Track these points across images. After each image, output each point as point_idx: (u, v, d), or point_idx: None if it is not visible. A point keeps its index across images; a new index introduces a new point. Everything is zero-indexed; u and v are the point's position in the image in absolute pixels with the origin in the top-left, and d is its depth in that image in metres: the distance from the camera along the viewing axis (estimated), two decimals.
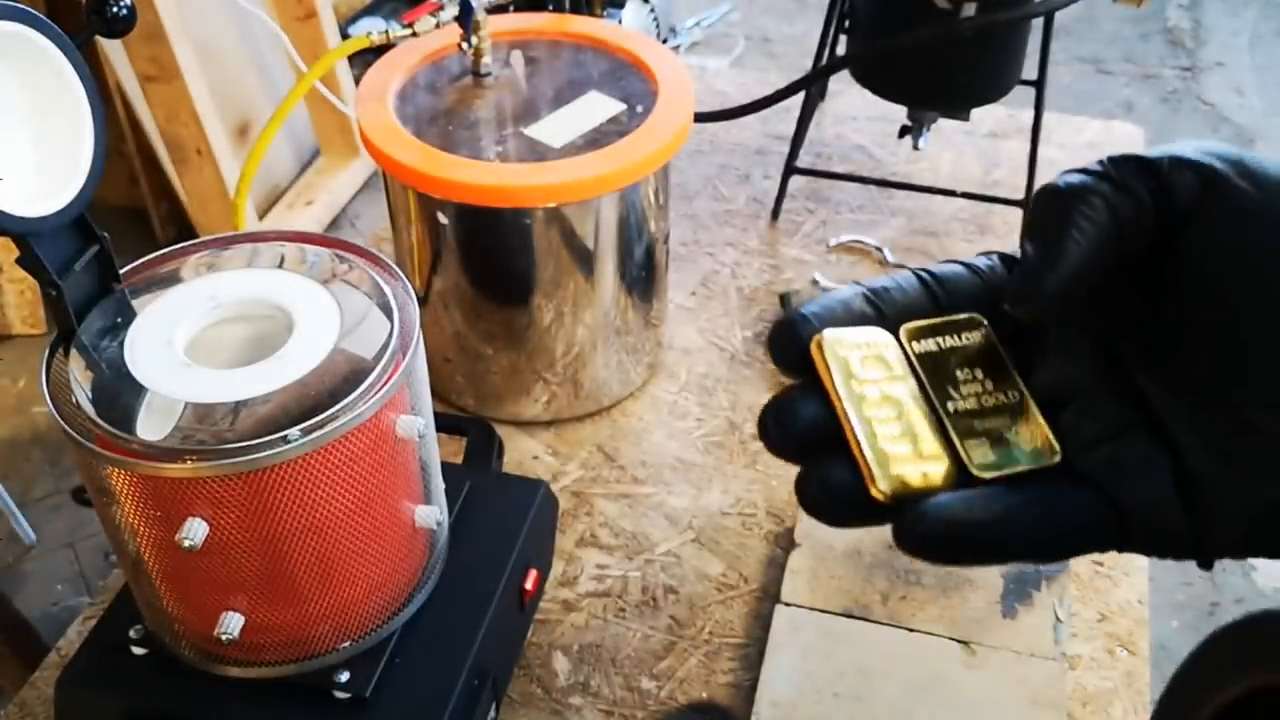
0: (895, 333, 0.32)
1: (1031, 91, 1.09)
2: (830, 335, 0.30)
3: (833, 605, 0.74)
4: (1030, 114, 1.11)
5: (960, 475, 0.29)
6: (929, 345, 0.31)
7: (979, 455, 0.30)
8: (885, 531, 0.84)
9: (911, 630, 0.73)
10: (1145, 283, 0.30)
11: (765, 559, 0.81)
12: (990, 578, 0.76)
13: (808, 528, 0.79)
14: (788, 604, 0.74)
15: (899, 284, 0.32)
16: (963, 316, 0.32)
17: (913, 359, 0.31)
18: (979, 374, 0.31)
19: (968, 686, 0.70)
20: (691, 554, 0.81)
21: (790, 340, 0.31)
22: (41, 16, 0.53)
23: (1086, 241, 0.29)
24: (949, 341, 0.31)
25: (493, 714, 0.67)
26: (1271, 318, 0.27)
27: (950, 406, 0.30)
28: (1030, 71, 1.06)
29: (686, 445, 0.90)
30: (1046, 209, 0.30)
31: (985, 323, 0.32)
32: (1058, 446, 0.30)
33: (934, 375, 0.31)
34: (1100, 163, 0.30)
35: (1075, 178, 0.30)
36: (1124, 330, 0.31)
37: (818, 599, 0.75)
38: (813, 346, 0.30)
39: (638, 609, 0.78)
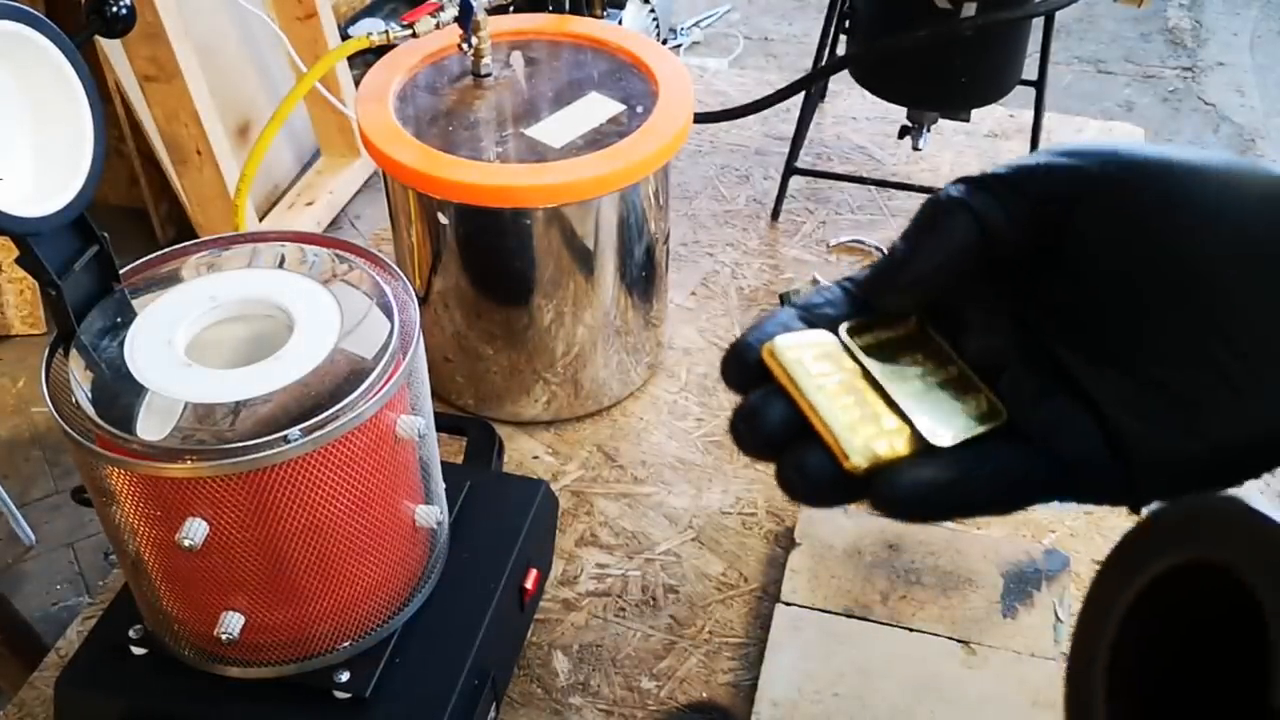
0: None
1: (1031, 91, 1.09)
2: (780, 341, 0.33)
3: (833, 605, 0.74)
4: (1030, 114, 1.11)
5: (921, 445, 0.32)
6: (869, 338, 0.34)
7: (936, 426, 0.32)
8: (885, 531, 0.83)
9: (911, 630, 0.73)
10: (1048, 267, 0.33)
11: (765, 559, 0.81)
12: (990, 577, 0.76)
13: (807, 528, 0.79)
14: (788, 604, 0.74)
15: (826, 297, 0.35)
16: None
17: (856, 352, 0.34)
18: (919, 357, 0.34)
19: (968, 686, 0.70)
20: (691, 554, 0.81)
21: (741, 364, 0.33)
22: (41, 16, 0.53)
23: (940, 251, 0.33)
24: (885, 333, 0.35)
25: (493, 714, 0.67)
26: (1161, 297, 0.31)
27: (901, 387, 0.33)
28: (1030, 71, 1.06)
29: (686, 445, 0.90)
30: (919, 215, 0.34)
31: (912, 314, 0.36)
32: (1003, 410, 0.33)
33: (880, 362, 0.34)
34: (984, 173, 0.34)
35: (956, 189, 0.33)
36: (1038, 307, 0.34)
37: (818, 599, 0.75)
38: (765, 355, 0.33)
39: (638, 609, 0.78)
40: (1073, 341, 0.33)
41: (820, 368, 0.33)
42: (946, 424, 0.32)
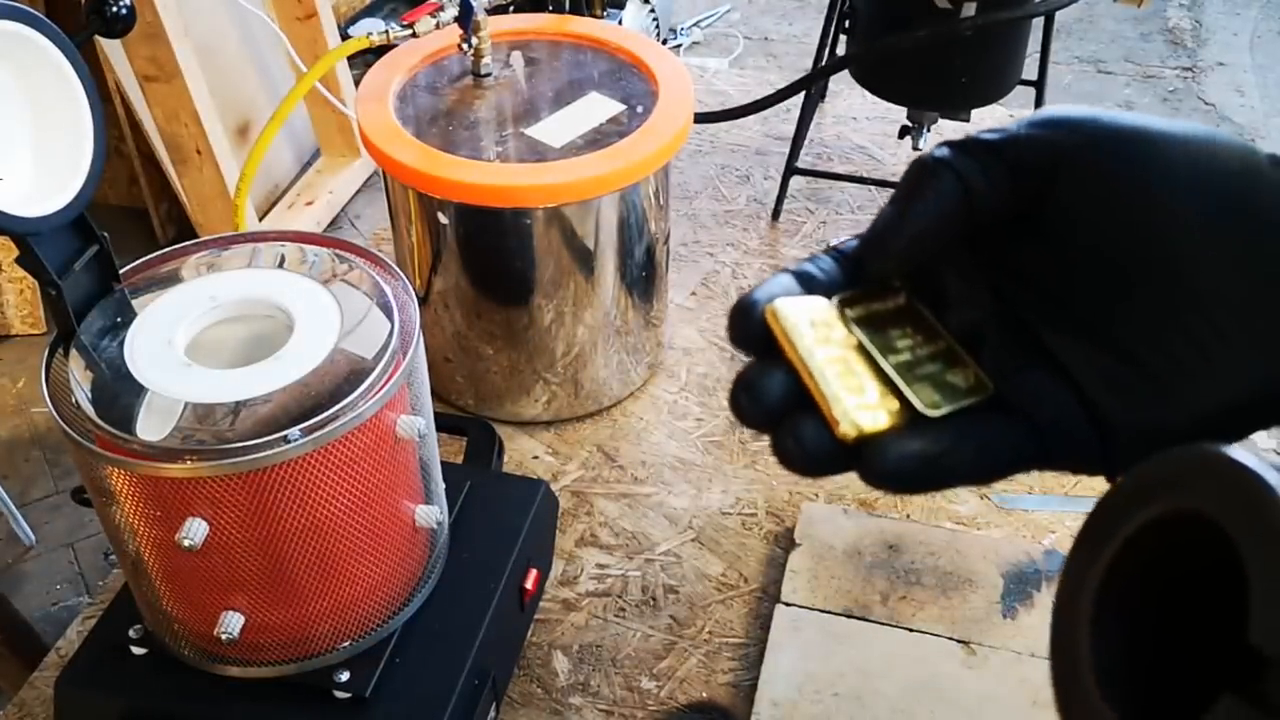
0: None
1: (1031, 91, 1.09)
2: (780, 304, 0.34)
3: (833, 605, 0.74)
4: (1030, 114, 1.11)
5: (910, 417, 0.33)
6: (860, 310, 0.35)
7: (925, 397, 0.33)
8: (885, 532, 0.83)
9: (911, 630, 0.73)
10: (1027, 238, 0.33)
11: (765, 559, 0.81)
12: (990, 578, 0.76)
13: (807, 528, 0.79)
14: (788, 604, 0.74)
15: (819, 266, 0.36)
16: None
17: (849, 322, 0.34)
18: (908, 329, 0.35)
19: (968, 686, 0.70)
20: (691, 554, 0.81)
21: (746, 321, 0.34)
22: (41, 16, 0.53)
23: (928, 211, 0.33)
24: (875, 305, 0.35)
25: (493, 714, 0.67)
26: (1135, 268, 0.31)
27: (891, 359, 0.34)
28: (1030, 71, 1.06)
29: (686, 445, 0.90)
30: (905, 178, 0.34)
31: (900, 286, 0.36)
32: (989, 382, 0.34)
33: (872, 334, 0.34)
34: (967, 136, 0.34)
35: (941, 151, 0.33)
36: (1017, 279, 0.34)
37: (818, 599, 0.75)
38: (768, 315, 0.33)
39: (638, 609, 0.78)
40: (1049, 313, 0.33)
41: (816, 334, 0.33)
42: (935, 396, 0.33)
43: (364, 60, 2.29)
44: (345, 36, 2.61)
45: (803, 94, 1.06)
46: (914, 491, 0.32)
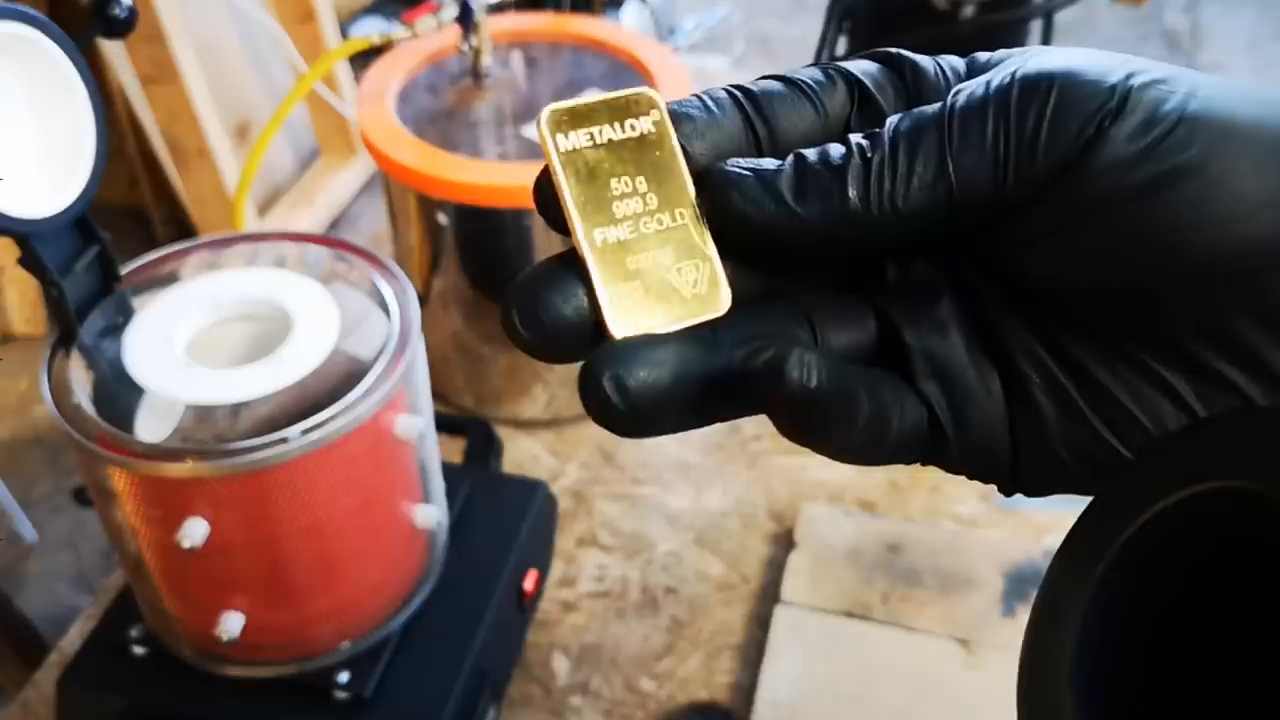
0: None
1: None
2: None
3: (833, 605, 0.74)
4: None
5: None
6: (580, 139, 0.22)
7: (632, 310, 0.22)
8: (885, 532, 0.83)
9: (911, 630, 0.73)
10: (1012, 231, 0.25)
11: (765, 559, 0.81)
12: (990, 577, 0.76)
13: (808, 528, 0.79)
14: (788, 604, 0.74)
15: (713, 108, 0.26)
16: (629, 93, 0.23)
17: (558, 161, 0.21)
18: (640, 184, 0.22)
19: (968, 686, 0.70)
20: (691, 554, 0.81)
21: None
22: (43, 17, 0.53)
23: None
24: (607, 133, 0.22)
25: (493, 714, 0.67)
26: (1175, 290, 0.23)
27: (599, 236, 0.22)
28: None
29: (686, 446, 0.90)
30: None
31: (658, 101, 0.24)
32: (728, 296, 0.22)
33: (585, 186, 0.22)
34: None
35: None
36: (990, 273, 0.26)
37: (818, 599, 0.75)
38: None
39: (638, 609, 0.78)
40: (1017, 311, 0.25)
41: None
42: (648, 308, 0.22)
43: (364, 60, 2.29)
44: (345, 37, 2.61)
45: None
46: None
